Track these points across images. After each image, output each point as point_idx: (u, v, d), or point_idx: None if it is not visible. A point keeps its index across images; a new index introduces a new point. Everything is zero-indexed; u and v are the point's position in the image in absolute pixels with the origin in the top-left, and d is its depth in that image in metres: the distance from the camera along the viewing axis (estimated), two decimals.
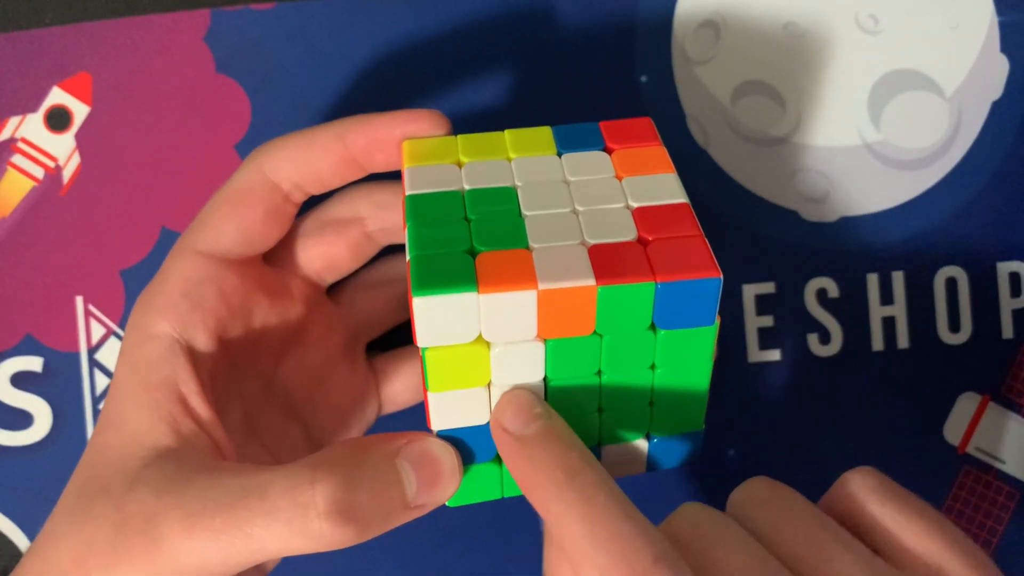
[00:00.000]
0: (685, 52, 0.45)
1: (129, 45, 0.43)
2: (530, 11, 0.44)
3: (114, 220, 0.44)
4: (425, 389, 0.32)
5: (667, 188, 0.33)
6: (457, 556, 0.45)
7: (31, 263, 0.44)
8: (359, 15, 0.44)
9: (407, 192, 0.33)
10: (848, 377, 0.45)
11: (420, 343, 0.30)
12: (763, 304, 0.45)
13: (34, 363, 0.44)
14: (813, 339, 0.45)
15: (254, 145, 0.38)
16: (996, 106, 0.45)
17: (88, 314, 0.44)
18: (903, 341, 0.45)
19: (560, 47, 0.44)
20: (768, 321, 0.45)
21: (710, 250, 0.31)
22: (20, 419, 0.44)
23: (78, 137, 0.43)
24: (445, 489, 0.32)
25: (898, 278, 0.45)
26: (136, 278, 0.44)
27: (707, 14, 0.44)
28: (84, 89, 0.43)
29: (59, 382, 0.44)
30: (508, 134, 0.36)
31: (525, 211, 0.32)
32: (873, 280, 0.45)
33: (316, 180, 0.37)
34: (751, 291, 0.45)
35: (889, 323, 0.45)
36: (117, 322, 0.44)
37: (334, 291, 0.42)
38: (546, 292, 0.29)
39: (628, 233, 0.31)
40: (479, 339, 0.30)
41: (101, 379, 0.44)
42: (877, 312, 0.45)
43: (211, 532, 0.30)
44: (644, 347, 0.31)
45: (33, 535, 0.44)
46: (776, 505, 0.32)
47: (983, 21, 0.45)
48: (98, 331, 0.44)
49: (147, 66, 0.43)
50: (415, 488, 0.31)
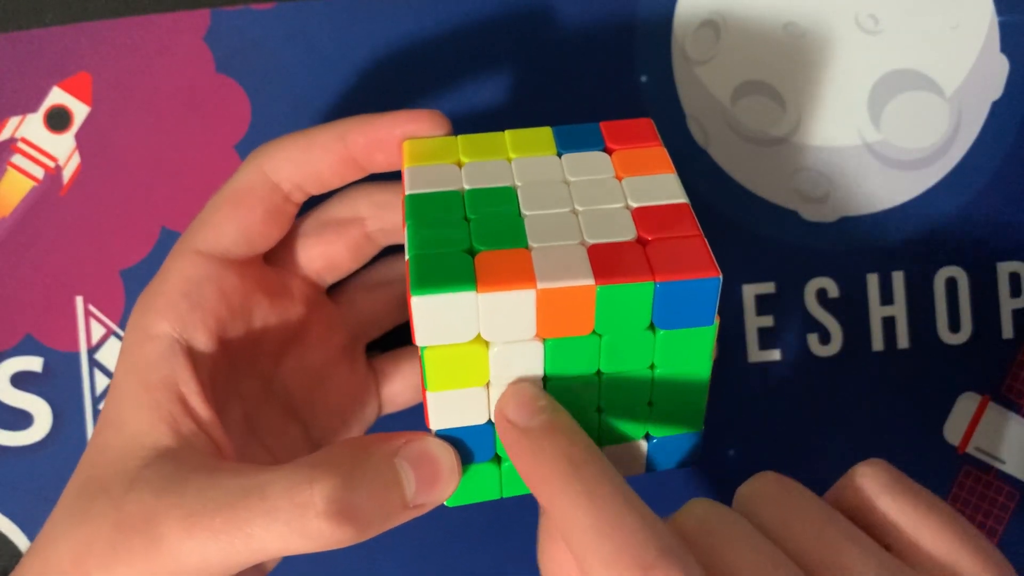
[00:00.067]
0: (685, 52, 0.45)
1: (129, 45, 0.43)
2: (530, 11, 0.44)
3: (114, 220, 0.44)
4: (424, 388, 0.32)
5: (667, 188, 0.33)
6: (457, 556, 0.45)
7: (31, 263, 0.44)
8: (359, 15, 0.44)
9: (407, 192, 0.33)
10: (848, 377, 0.45)
11: (419, 342, 0.30)
12: (763, 304, 0.45)
13: (34, 363, 0.44)
14: (813, 339, 0.45)
15: (254, 145, 0.38)
16: (996, 106, 0.45)
17: (88, 314, 0.44)
18: (903, 341, 0.45)
19: (560, 47, 0.44)
20: (768, 321, 0.45)
21: (709, 250, 0.30)
22: (20, 419, 0.44)
23: (78, 137, 0.43)
24: (444, 489, 0.32)
25: (898, 278, 0.45)
26: (136, 278, 0.44)
27: (707, 14, 0.44)
28: (84, 89, 0.43)
29: (59, 382, 0.44)
30: (508, 134, 0.36)
31: (525, 211, 0.32)
32: (873, 280, 0.45)
33: (316, 180, 0.37)
34: (751, 291, 0.45)
35: (889, 323, 0.45)
36: (117, 322, 0.44)
37: (334, 291, 0.42)
38: (545, 291, 0.29)
39: (627, 233, 0.31)
40: (478, 338, 0.30)
41: (101, 379, 0.44)
42: (877, 312, 0.45)
43: (211, 532, 0.30)
44: (643, 347, 0.31)
45: (33, 535, 0.44)
46: (784, 500, 0.32)
47: (983, 21, 0.45)
48: (98, 331, 0.44)
49: (147, 66, 0.43)
50: (414, 488, 0.31)
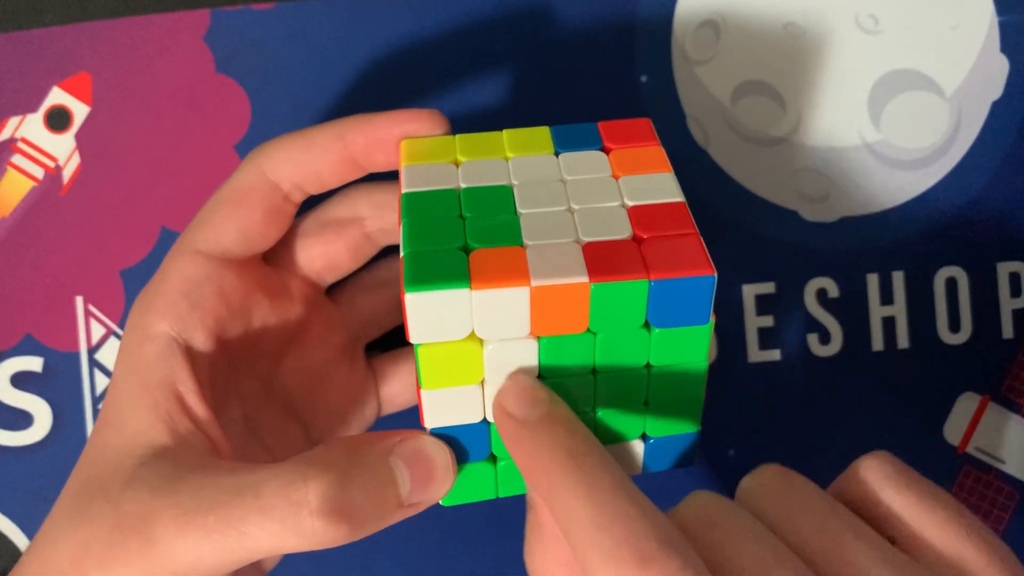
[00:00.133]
0: (685, 52, 0.44)
1: (129, 45, 0.43)
2: (530, 11, 0.44)
3: (114, 220, 0.44)
4: (418, 386, 0.32)
5: (664, 187, 0.33)
6: (455, 556, 0.45)
7: (31, 263, 0.44)
8: (359, 15, 0.44)
9: (403, 190, 0.33)
10: (848, 377, 0.45)
11: (412, 339, 0.30)
12: (763, 304, 0.45)
13: (34, 363, 0.44)
14: (813, 339, 0.45)
15: (254, 145, 0.38)
16: (996, 106, 0.45)
17: (88, 314, 0.44)
18: (903, 341, 0.45)
19: (560, 47, 0.44)
20: (768, 321, 0.45)
21: (705, 248, 0.30)
22: (20, 419, 0.44)
23: (78, 137, 0.44)
24: (439, 487, 0.32)
25: (898, 278, 0.45)
26: (136, 278, 0.44)
27: (707, 14, 0.44)
28: (84, 89, 0.43)
29: (59, 382, 0.44)
30: (506, 134, 0.36)
31: (520, 209, 0.32)
32: (873, 280, 0.45)
33: (316, 180, 0.37)
34: (751, 291, 0.45)
35: (889, 323, 0.45)
36: (117, 322, 0.44)
37: (334, 291, 0.42)
38: (539, 289, 0.29)
39: (623, 231, 0.31)
40: (472, 336, 0.30)
41: (101, 379, 0.44)
42: (877, 312, 0.45)
43: (205, 531, 0.30)
44: (638, 345, 0.31)
45: (33, 535, 0.44)
46: (787, 493, 0.31)
47: (983, 21, 0.44)
48: (98, 331, 0.44)
49: (147, 66, 0.44)
50: (409, 486, 0.31)
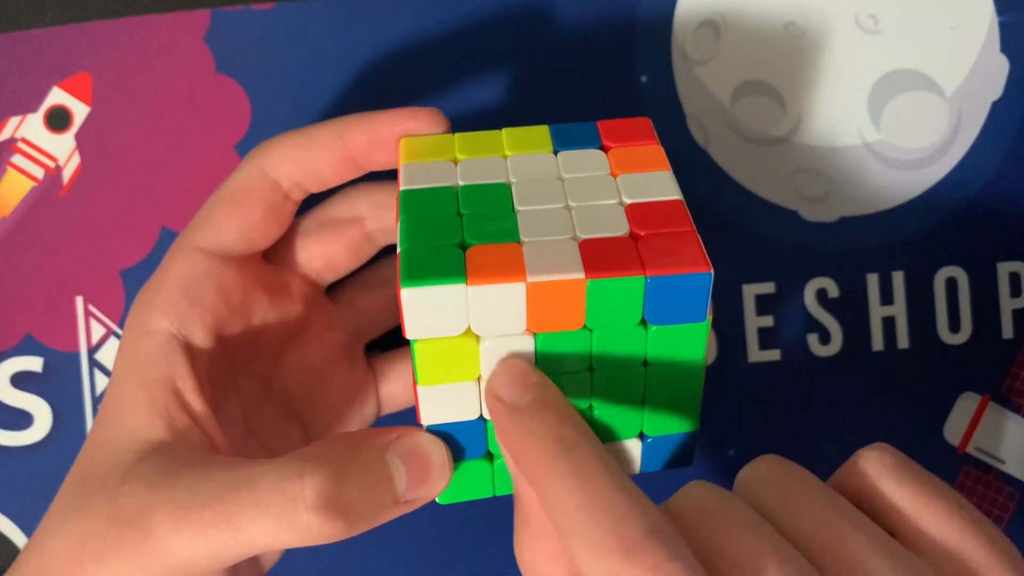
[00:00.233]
0: (685, 52, 0.44)
1: (129, 45, 0.44)
2: (530, 11, 0.44)
3: (114, 220, 0.44)
4: (415, 383, 0.32)
5: (662, 185, 0.33)
6: (454, 555, 0.45)
7: (31, 263, 0.44)
8: (359, 15, 0.44)
9: (401, 187, 0.33)
10: (848, 377, 0.45)
11: (408, 335, 0.30)
12: (763, 304, 0.45)
13: (34, 363, 0.44)
14: (813, 339, 0.45)
15: (254, 145, 0.38)
16: (996, 106, 0.45)
17: (88, 314, 0.44)
18: (903, 341, 0.45)
19: (560, 47, 0.44)
20: (768, 321, 0.45)
21: (702, 246, 0.30)
22: (20, 419, 0.44)
23: (78, 137, 0.44)
24: (435, 484, 0.32)
25: (898, 278, 0.45)
26: (136, 278, 0.44)
27: (707, 14, 0.44)
28: (84, 89, 0.43)
29: (59, 382, 0.44)
30: (505, 132, 0.36)
31: (518, 207, 0.32)
32: (873, 280, 0.45)
33: (315, 178, 0.37)
34: (751, 291, 0.45)
35: (889, 323, 0.45)
36: (117, 322, 0.44)
37: (334, 291, 0.42)
38: (535, 285, 0.29)
39: (620, 228, 0.31)
40: (468, 332, 0.30)
41: (101, 379, 0.44)
42: (877, 312, 0.45)
43: (200, 525, 0.30)
44: (635, 343, 0.31)
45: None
46: (786, 483, 0.31)
47: (983, 21, 0.44)
48: (98, 331, 0.44)
49: (147, 66, 0.44)
50: (405, 483, 0.31)
